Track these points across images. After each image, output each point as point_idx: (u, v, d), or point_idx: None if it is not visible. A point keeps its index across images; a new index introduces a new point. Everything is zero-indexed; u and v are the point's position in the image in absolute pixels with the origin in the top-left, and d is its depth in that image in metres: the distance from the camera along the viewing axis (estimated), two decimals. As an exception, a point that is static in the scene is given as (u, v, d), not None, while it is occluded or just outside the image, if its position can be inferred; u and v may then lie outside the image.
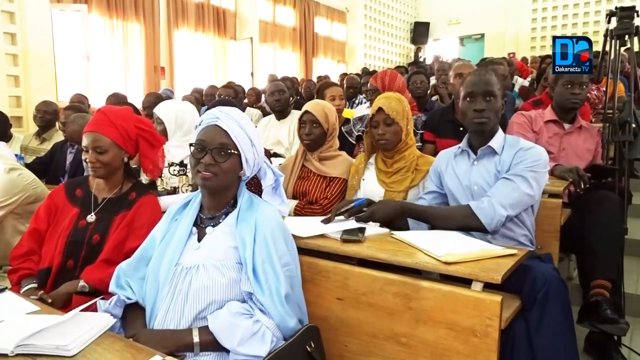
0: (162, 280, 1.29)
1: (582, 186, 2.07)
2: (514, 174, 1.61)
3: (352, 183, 2.06)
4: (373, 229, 1.61)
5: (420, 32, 12.59)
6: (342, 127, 2.90)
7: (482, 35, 11.76)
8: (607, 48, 2.76)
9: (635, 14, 2.57)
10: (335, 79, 7.94)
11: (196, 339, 1.21)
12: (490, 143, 1.72)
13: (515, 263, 1.32)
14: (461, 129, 2.70)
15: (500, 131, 1.77)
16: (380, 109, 1.93)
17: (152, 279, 1.32)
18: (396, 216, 1.64)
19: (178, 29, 7.77)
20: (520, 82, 5.67)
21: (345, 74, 8.21)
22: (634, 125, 2.63)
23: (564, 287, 1.38)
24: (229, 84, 5.39)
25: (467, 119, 1.74)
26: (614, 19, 2.63)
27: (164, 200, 1.81)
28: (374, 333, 1.39)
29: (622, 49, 2.66)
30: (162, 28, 7.46)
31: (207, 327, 1.23)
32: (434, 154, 2.60)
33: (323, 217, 1.65)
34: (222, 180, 1.31)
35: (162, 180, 2.12)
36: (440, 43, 12.61)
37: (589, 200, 1.92)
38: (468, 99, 1.72)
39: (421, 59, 11.56)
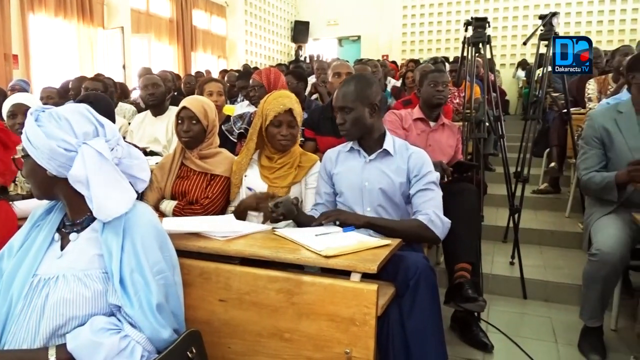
0: (15, 294, 1.14)
1: (446, 179, 2.29)
2: (429, 182, 1.79)
3: (235, 180, 2.03)
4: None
5: (300, 31, 12.81)
6: (222, 125, 2.84)
7: (359, 37, 12.34)
8: (465, 54, 3.08)
9: (487, 25, 2.90)
10: (216, 74, 7.75)
11: (52, 358, 1.08)
12: (385, 146, 1.86)
13: (389, 253, 1.41)
14: (340, 126, 2.81)
15: (388, 133, 1.91)
16: (290, 110, 1.94)
17: (3, 294, 1.16)
18: (360, 227, 1.68)
19: (34, 12, 6.94)
20: (392, 82, 6.08)
21: (225, 70, 8.05)
22: (487, 124, 2.97)
23: (433, 274, 1.50)
24: (97, 76, 4.96)
25: None
26: (470, 28, 2.94)
27: (20, 207, 1.61)
28: (258, 331, 1.38)
29: (477, 55, 2.99)
30: (13, 11, 6.59)
31: (66, 344, 1.10)
32: (315, 150, 2.68)
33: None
34: (35, 186, 1.22)
35: (16, 184, 1.88)
36: (320, 43, 12.95)
37: (451, 192, 2.11)
38: (335, 111, 1.87)
39: (302, 58, 11.78)
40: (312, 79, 5.26)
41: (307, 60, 10.69)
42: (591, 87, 4.06)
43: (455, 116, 3.98)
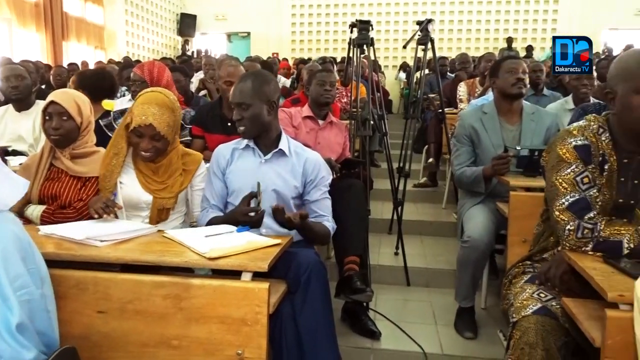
0: None
1: (334, 175, 2.36)
2: (325, 189, 1.89)
3: (105, 185, 1.80)
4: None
5: (187, 24, 12.33)
6: (100, 120, 2.62)
7: (249, 34, 12.22)
8: (351, 55, 3.20)
9: (371, 27, 3.03)
10: (93, 66, 7.14)
11: None
12: (281, 146, 1.83)
13: (280, 250, 1.41)
14: (229, 124, 2.75)
15: (284, 133, 1.90)
16: (151, 126, 1.70)
17: None
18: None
19: None
20: (283, 81, 6.12)
21: (101, 62, 7.47)
22: (372, 122, 3.12)
23: (324, 269, 1.54)
24: (-56, 64, 4.29)
25: None
26: (355, 30, 3.06)
27: None
28: (143, 342, 1.31)
29: (362, 56, 3.12)
30: None
31: None
32: (202, 149, 2.59)
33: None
34: None
35: None
36: (208, 37, 12.60)
37: (340, 188, 2.19)
38: (232, 107, 1.82)
39: (189, 52, 11.36)
40: (200, 75, 5.10)
41: (195, 55, 10.33)
42: (462, 89, 4.46)
43: (343, 115, 4.12)
